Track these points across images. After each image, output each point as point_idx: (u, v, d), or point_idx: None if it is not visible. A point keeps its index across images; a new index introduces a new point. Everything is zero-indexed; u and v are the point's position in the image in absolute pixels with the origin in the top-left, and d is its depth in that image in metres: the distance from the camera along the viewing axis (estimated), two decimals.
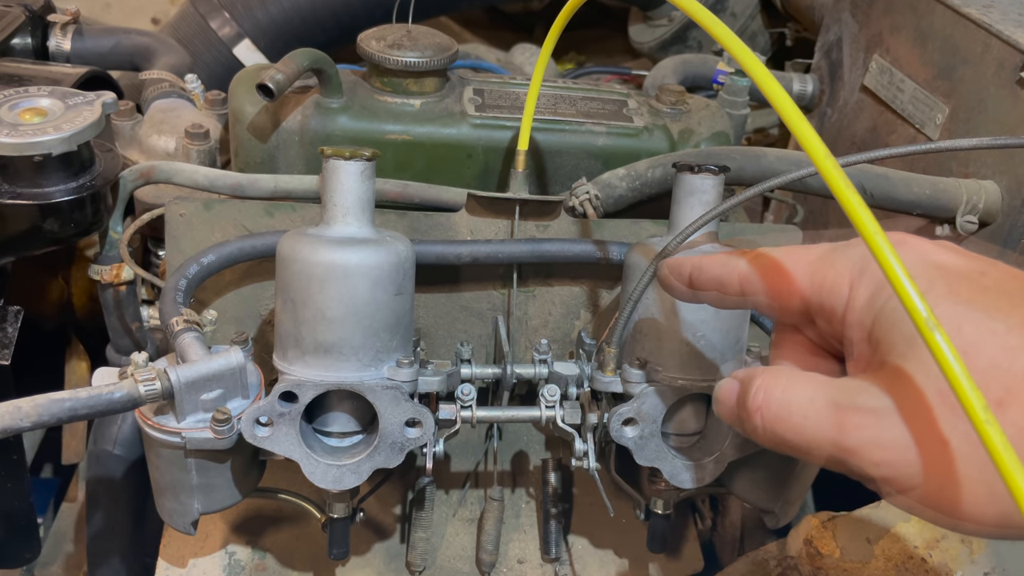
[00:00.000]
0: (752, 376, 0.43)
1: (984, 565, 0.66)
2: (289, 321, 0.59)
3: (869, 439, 0.37)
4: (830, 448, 0.39)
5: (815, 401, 0.40)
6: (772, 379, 0.42)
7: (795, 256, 0.44)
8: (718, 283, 0.47)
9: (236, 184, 0.74)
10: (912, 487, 0.37)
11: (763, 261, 0.45)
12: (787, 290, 0.44)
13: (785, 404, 0.40)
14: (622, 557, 0.79)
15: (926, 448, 0.36)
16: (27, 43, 0.95)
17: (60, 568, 1.05)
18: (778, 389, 0.41)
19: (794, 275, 0.43)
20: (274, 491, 0.70)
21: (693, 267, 0.49)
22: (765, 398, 0.41)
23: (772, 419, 0.41)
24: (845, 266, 0.41)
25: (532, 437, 0.81)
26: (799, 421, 0.40)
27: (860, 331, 0.40)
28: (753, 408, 0.41)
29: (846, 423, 0.38)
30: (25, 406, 0.51)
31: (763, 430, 0.41)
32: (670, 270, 0.52)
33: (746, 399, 0.42)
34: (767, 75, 0.40)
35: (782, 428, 0.40)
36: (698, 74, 1.08)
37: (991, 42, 0.80)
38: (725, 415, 0.45)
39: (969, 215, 0.79)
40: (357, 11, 1.30)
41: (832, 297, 0.42)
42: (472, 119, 0.79)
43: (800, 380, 0.41)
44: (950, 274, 0.39)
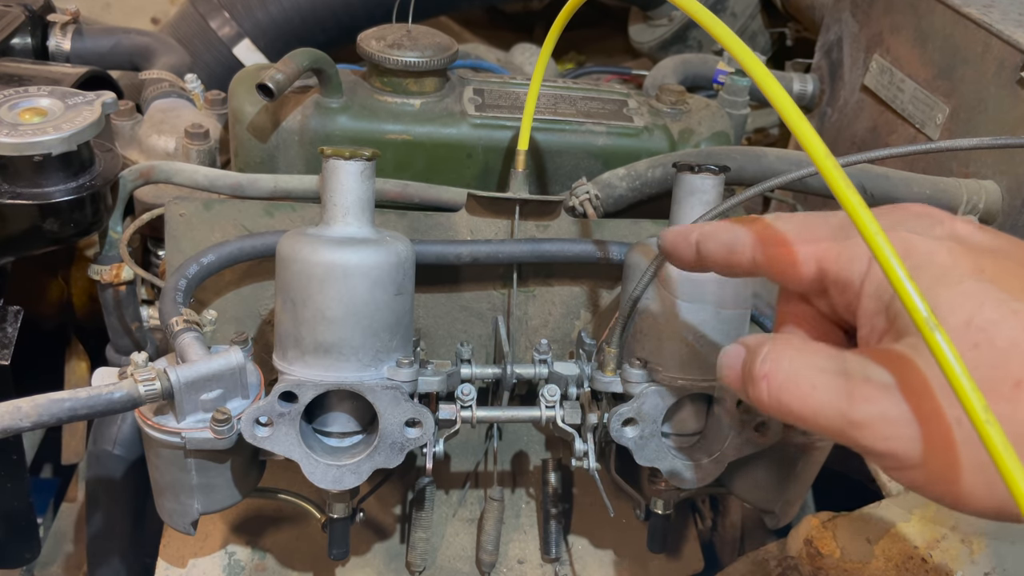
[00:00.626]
0: (760, 343, 0.41)
1: (984, 565, 0.66)
2: (289, 321, 0.59)
3: (879, 413, 0.36)
4: (837, 420, 0.38)
5: (825, 371, 0.38)
6: (781, 347, 0.40)
7: (816, 221, 0.43)
8: (728, 248, 0.45)
9: (236, 184, 0.74)
10: (914, 465, 0.36)
11: (777, 226, 0.44)
12: (803, 257, 0.42)
13: (793, 373, 0.39)
14: (622, 557, 0.79)
15: (931, 428, 0.36)
16: (27, 43, 0.95)
17: (60, 568, 1.05)
18: (786, 357, 0.40)
19: (812, 241, 0.42)
20: (274, 491, 0.70)
21: (700, 234, 0.47)
22: (773, 365, 0.40)
23: (778, 387, 0.40)
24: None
25: (532, 437, 0.81)
26: (807, 391, 0.39)
27: (877, 303, 0.39)
28: (760, 375, 0.40)
29: (856, 395, 0.37)
30: (25, 406, 0.51)
31: (768, 398, 0.40)
32: (675, 238, 0.49)
33: (752, 365, 0.41)
34: (767, 75, 0.40)
35: (788, 397, 0.39)
36: (698, 74, 1.08)
37: (991, 42, 0.80)
38: (729, 381, 0.43)
39: (969, 215, 0.79)
40: (357, 11, 1.30)
41: (851, 267, 0.40)
42: (472, 119, 0.79)
43: (810, 349, 0.40)
44: (975, 250, 0.38)
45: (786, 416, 0.40)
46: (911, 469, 0.37)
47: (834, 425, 0.38)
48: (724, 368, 0.44)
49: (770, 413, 0.41)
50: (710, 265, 0.47)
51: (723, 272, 0.47)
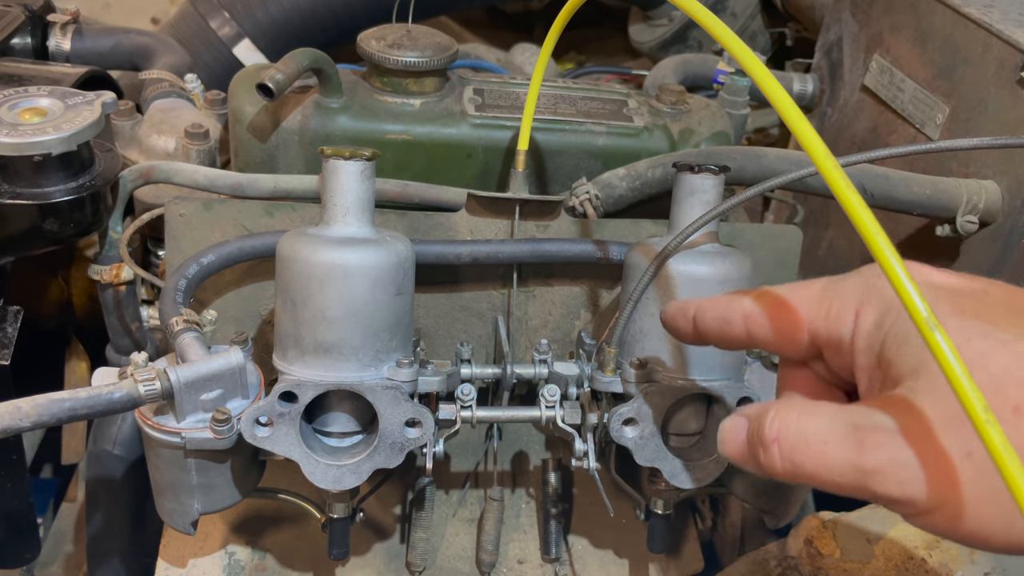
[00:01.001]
0: (763, 410, 0.42)
1: (984, 565, 0.66)
2: (289, 321, 0.59)
3: (890, 458, 0.37)
4: (851, 472, 0.38)
5: (834, 426, 0.39)
6: (786, 409, 0.41)
7: (798, 291, 0.44)
8: (722, 322, 0.47)
9: (236, 184, 0.74)
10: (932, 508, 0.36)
11: (767, 298, 0.45)
12: (793, 325, 0.43)
13: (803, 432, 0.39)
14: (622, 557, 0.79)
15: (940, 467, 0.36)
16: (27, 43, 0.95)
17: (60, 568, 1.05)
18: (793, 418, 0.40)
19: (799, 309, 0.43)
20: (274, 491, 0.70)
21: (696, 309, 0.49)
22: (782, 428, 0.40)
23: (790, 448, 0.40)
24: (850, 294, 0.41)
25: (532, 437, 0.81)
26: (820, 447, 0.39)
27: (870, 356, 0.40)
28: (770, 440, 0.40)
29: (866, 443, 0.37)
30: (25, 406, 0.51)
31: (782, 461, 0.40)
32: (674, 312, 0.51)
33: (761, 432, 0.41)
34: (767, 75, 0.40)
35: (801, 456, 0.39)
36: (698, 74, 1.08)
37: (991, 42, 0.80)
38: (734, 454, 0.44)
39: (969, 215, 0.79)
40: (357, 11, 1.30)
41: (839, 326, 0.41)
42: (472, 119, 0.79)
43: (814, 407, 0.40)
44: (953, 292, 0.39)
45: (800, 477, 0.40)
46: (928, 513, 0.37)
47: (849, 478, 0.38)
48: (727, 442, 0.44)
49: (784, 477, 0.40)
50: (708, 339, 0.49)
51: (721, 346, 0.48)
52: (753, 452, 0.42)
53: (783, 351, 0.45)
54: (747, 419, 0.43)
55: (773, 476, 0.41)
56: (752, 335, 0.45)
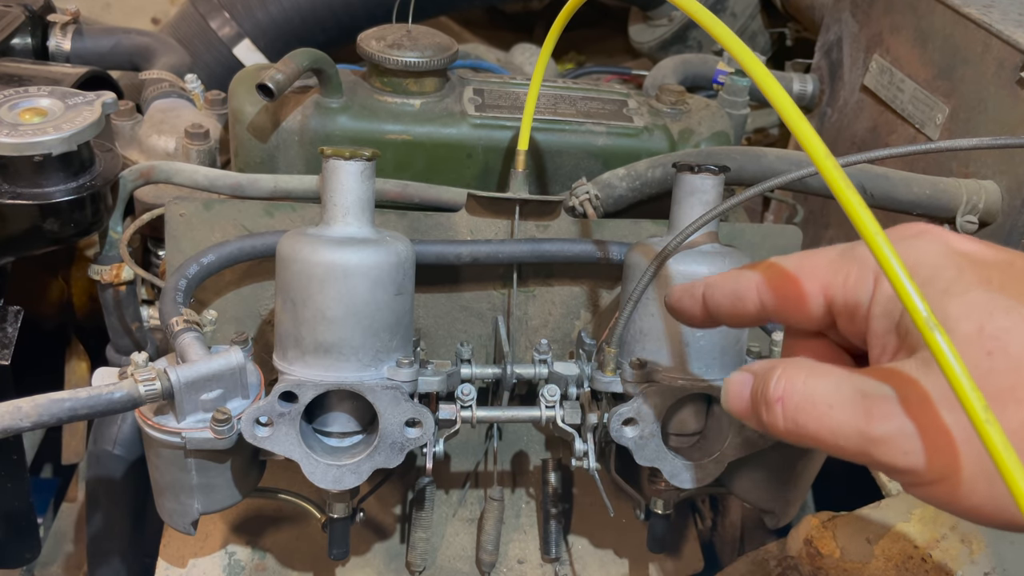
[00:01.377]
0: (771, 367, 0.41)
1: (984, 565, 0.66)
2: (289, 321, 0.59)
3: (898, 428, 0.36)
4: (857, 439, 0.37)
5: (840, 390, 0.38)
6: (793, 368, 0.40)
7: (813, 257, 0.43)
8: (734, 297, 0.45)
9: (236, 184, 0.74)
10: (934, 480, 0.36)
11: (778, 268, 0.44)
12: (809, 292, 0.42)
13: (809, 393, 0.39)
14: (622, 557, 0.79)
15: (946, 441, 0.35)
16: (27, 43, 0.95)
17: (60, 568, 1.05)
18: (800, 379, 0.39)
19: (815, 275, 0.42)
20: (274, 491, 0.70)
21: (706, 286, 0.47)
22: (788, 387, 0.39)
23: (794, 408, 0.39)
24: (869, 258, 0.40)
25: (532, 437, 0.81)
26: (824, 410, 0.38)
27: (886, 322, 0.39)
28: (774, 398, 0.40)
29: (874, 412, 0.37)
30: (25, 406, 0.51)
31: (784, 420, 0.39)
32: (681, 294, 0.49)
33: (766, 389, 0.40)
34: (767, 75, 0.40)
35: (805, 418, 0.39)
36: (698, 74, 1.08)
37: (991, 42, 0.80)
38: (737, 409, 0.43)
39: (969, 215, 0.79)
40: (357, 11, 1.30)
41: (857, 291, 0.40)
42: (472, 119, 0.79)
43: (822, 369, 0.40)
44: (978, 262, 0.38)
45: (803, 438, 0.39)
46: (931, 484, 0.37)
47: (853, 444, 0.38)
48: (731, 396, 0.43)
49: (786, 437, 0.40)
50: (719, 317, 0.47)
51: (733, 323, 0.47)
52: (756, 409, 0.41)
53: (797, 321, 0.44)
54: (752, 375, 0.42)
55: (775, 435, 0.40)
56: (766, 307, 0.44)
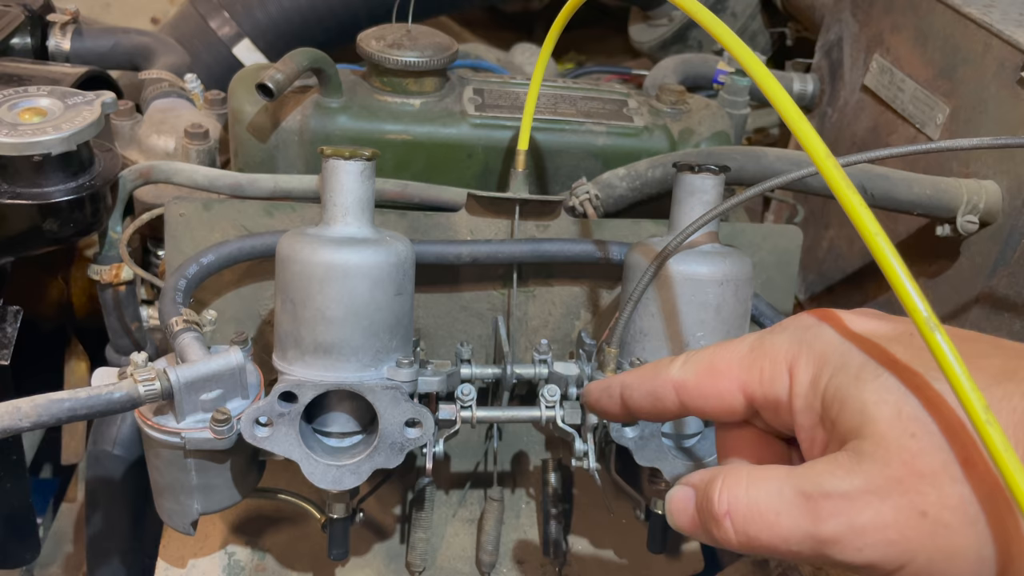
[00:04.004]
0: (711, 478, 0.40)
1: None
2: (289, 321, 0.58)
3: (846, 525, 0.35)
4: (808, 542, 0.36)
5: (783, 493, 0.37)
6: (733, 479, 0.39)
7: (726, 352, 0.42)
8: (653, 397, 0.45)
9: (236, 184, 0.74)
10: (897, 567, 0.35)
11: (694, 365, 0.43)
12: (726, 389, 0.42)
13: (753, 503, 0.38)
14: (622, 557, 0.79)
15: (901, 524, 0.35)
16: (26, 43, 0.95)
17: (60, 568, 1.05)
18: (741, 488, 0.38)
19: (729, 372, 0.42)
20: (274, 491, 0.70)
21: (623, 386, 0.47)
22: (732, 500, 0.38)
23: (743, 521, 0.38)
24: (779, 352, 0.40)
25: (532, 437, 0.81)
26: (772, 519, 0.37)
27: (810, 415, 0.39)
28: (720, 513, 0.39)
29: (820, 512, 0.36)
30: (24, 406, 0.51)
31: (736, 534, 0.38)
32: (598, 394, 0.48)
33: (711, 506, 0.39)
34: (767, 75, 0.40)
35: (756, 529, 0.38)
36: (698, 74, 1.08)
37: (992, 42, 0.80)
38: (684, 525, 0.42)
39: (970, 215, 0.79)
40: (357, 10, 1.30)
41: (774, 387, 0.40)
42: (472, 119, 0.79)
43: (760, 474, 0.39)
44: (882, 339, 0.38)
45: (757, 549, 0.38)
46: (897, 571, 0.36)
47: (807, 548, 0.37)
48: (676, 513, 0.42)
49: (741, 551, 0.39)
50: (639, 415, 0.47)
51: (653, 419, 0.46)
52: (705, 526, 0.40)
53: (720, 416, 0.43)
54: (694, 489, 0.41)
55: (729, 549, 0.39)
56: (686, 405, 0.43)
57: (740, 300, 0.61)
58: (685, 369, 0.43)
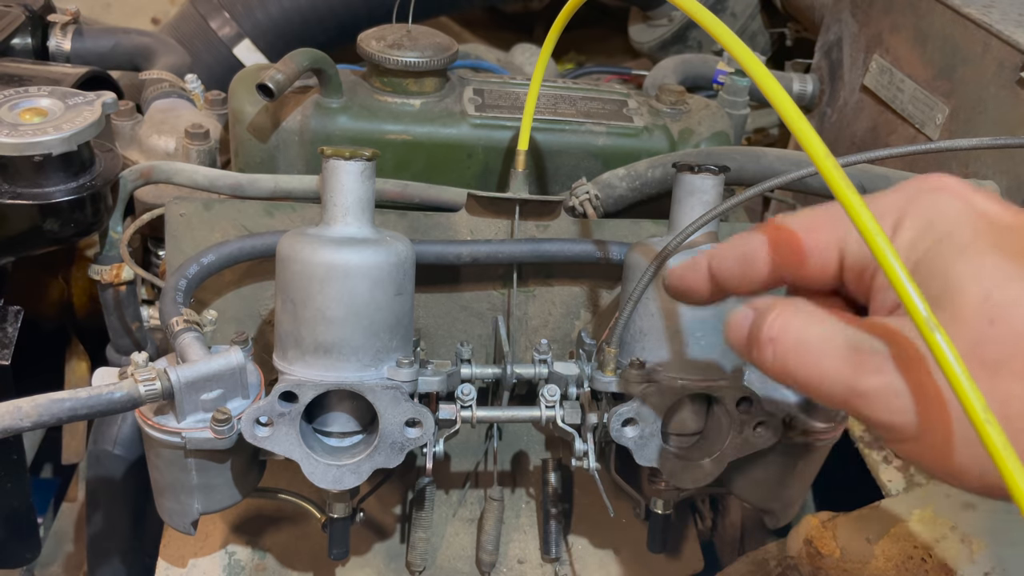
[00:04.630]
0: (770, 306, 0.40)
1: (984, 565, 0.66)
2: (289, 321, 0.59)
3: (884, 385, 0.36)
4: (842, 390, 0.37)
5: (834, 340, 0.38)
6: (791, 311, 0.40)
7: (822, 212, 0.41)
8: (743, 261, 0.44)
9: (236, 184, 0.74)
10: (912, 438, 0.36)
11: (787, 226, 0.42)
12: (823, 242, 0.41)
13: (801, 338, 0.39)
14: (622, 557, 0.79)
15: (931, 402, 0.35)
16: (27, 43, 0.95)
17: (60, 568, 1.05)
18: (795, 322, 0.39)
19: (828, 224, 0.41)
20: (274, 491, 0.70)
21: (711, 256, 0.45)
22: (781, 330, 0.39)
23: (784, 352, 0.39)
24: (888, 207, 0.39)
25: (532, 437, 0.81)
26: (814, 359, 0.38)
27: None
28: (766, 337, 0.39)
29: (863, 366, 0.37)
30: (25, 406, 0.51)
31: (774, 361, 0.39)
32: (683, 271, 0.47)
33: (760, 328, 0.40)
34: (767, 75, 0.40)
35: (795, 363, 0.39)
36: (698, 74, 1.08)
37: (991, 42, 0.80)
38: (734, 341, 0.42)
39: None
40: (357, 11, 1.30)
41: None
42: (472, 119, 0.79)
43: (819, 316, 0.39)
44: (997, 225, 0.37)
45: (788, 380, 0.39)
46: (909, 441, 0.37)
47: (839, 394, 0.38)
48: (731, 328, 0.43)
49: (773, 376, 0.40)
50: (728, 287, 0.45)
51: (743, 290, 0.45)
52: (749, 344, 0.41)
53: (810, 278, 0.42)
54: (754, 311, 0.41)
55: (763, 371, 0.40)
56: (778, 266, 0.43)
57: (739, 299, 0.61)
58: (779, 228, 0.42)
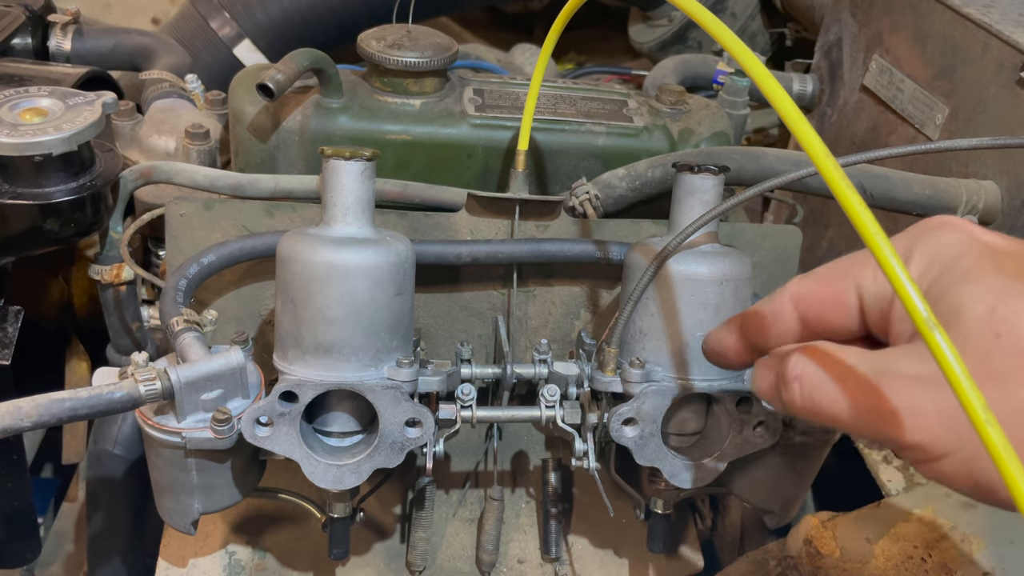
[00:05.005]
0: (792, 349, 0.43)
1: (984, 565, 0.66)
2: (289, 321, 0.59)
3: (908, 404, 0.37)
4: (867, 415, 0.38)
5: (855, 369, 0.39)
6: (811, 350, 0.42)
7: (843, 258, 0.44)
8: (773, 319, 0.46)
9: (236, 184, 0.74)
10: (940, 456, 0.37)
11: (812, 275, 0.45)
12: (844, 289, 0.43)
13: (825, 372, 0.40)
14: (622, 557, 0.79)
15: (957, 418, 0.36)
16: (27, 43, 0.95)
17: (60, 568, 1.05)
18: (817, 358, 0.41)
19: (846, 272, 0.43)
20: (274, 491, 0.70)
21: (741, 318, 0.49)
22: (805, 366, 0.41)
23: (810, 387, 0.41)
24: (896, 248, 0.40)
25: (532, 437, 0.81)
26: (838, 389, 0.40)
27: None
28: (792, 376, 0.41)
29: (885, 388, 0.38)
30: (25, 406, 0.51)
31: (802, 398, 0.41)
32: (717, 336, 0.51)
33: (785, 369, 0.42)
34: (767, 75, 0.40)
35: (821, 395, 0.40)
36: (698, 74, 1.08)
37: (991, 42, 0.80)
38: (762, 390, 0.45)
39: (969, 215, 0.79)
40: (357, 11, 1.31)
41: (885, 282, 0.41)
42: (472, 119, 0.79)
43: (839, 350, 0.41)
44: (998, 252, 0.39)
45: (818, 415, 0.41)
46: (937, 460, 0.37)
47: (864, 421, 0.39)
48: (757, 378, 0.45)
49: (803, 414, 0.41)
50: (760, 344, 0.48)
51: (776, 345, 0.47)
52: (777, 387, 0.43)
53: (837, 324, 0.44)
54: (777, 358, 0.44)
55: (793, 412, 0.42)
56: (805, 317, 0.45)
57: (740, 300, 0.61)
58: (802, 282, 0.45)
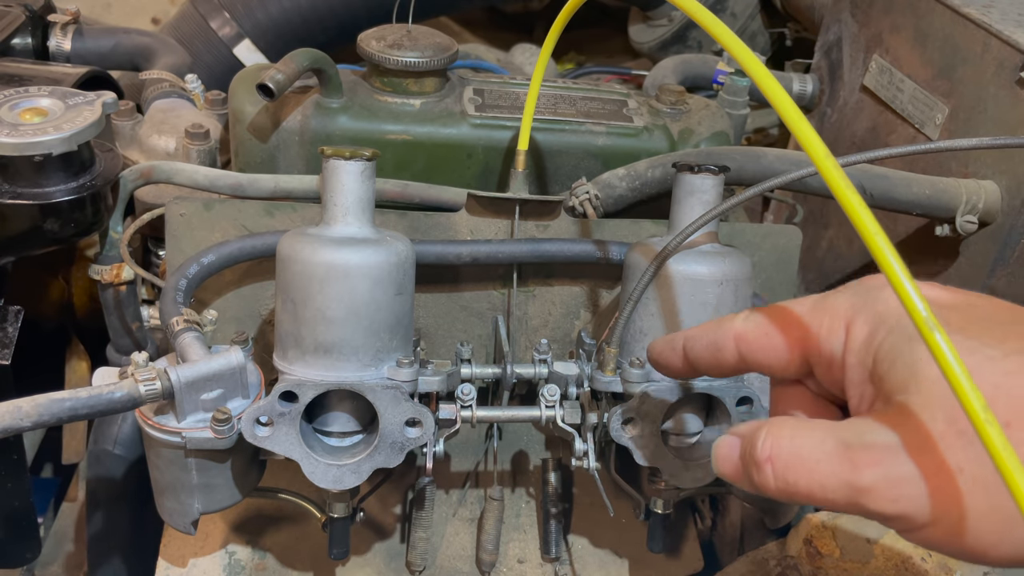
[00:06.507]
0: (755, 428, 0.41)
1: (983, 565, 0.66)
2: (289, 321, 0.59)
3: (883, 475, 0.36)
4: (845, 490, 0.38)
5: (825, 443, 0.39)
6: (778, 428, 0.41)
7: (788, 309, 0.44)
8: (714, 349, 0.46)
9: (236, 184, 0.74)
10: (926, 523, 0.36)
11: (756, 319, 0.45)
12: (784, 343, 0.43)
13: (795, 451, 0.39)
14: (622, 557, 0.79)
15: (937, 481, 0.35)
16: (27, 43, 0.95)
17: (60, 568, 1.05)
18: (785, 437, 0.40)
19: (789, 327, 0.43)
20: (274, 491, 0.70)
21: (686, 338, 0.48)
22: (774, 446, 0.40)
23: (783, 467, 0.39)
24: (840, 309, 0.41)
25: (532, 437, 0.81)
26: (812, 466, 0.39)
27: (861, 371, 0.40)
28: (763, 459, 0.40)
29: (859, 461, 0.37)
30: (25, 406, 0.51)
31: (775, 480, 0.40)
32: (662, 347, 0.50)
33: (754, 451, 0.41)
34: (767, 75, 0.40)
35: (795, 475, 0.39)
36: (698, 74, 1.08)
37: (991, 42, 0.80)
38: (728, 472, 0.44)
39: (969, 215, 0.79)
40: (357, 11, 1.31)
41: (830, 342, 0.41)
42: (472, 119, 0.79)
43: (806, 425, 0.40)
44: (939, 306, 0.38)
45: (794, 495, 0.40)
46: (924, 528, 0.37)
47: (842, 496, 0.38)
48: (720, 460, 0.44)
49: (778, 496, 0.40)
50: (700, 368, 0.48)
51: (712, 373, 0.48)
52: (747, 471, 0.42)
53: (776, 371, 0.45)
54: (740, 438, 0.43)
55: (767, 495, 0.41)
56: (745, 358, 0.45)
57: (740, 300, 0.61)
58: (747, 322, 0.45)
